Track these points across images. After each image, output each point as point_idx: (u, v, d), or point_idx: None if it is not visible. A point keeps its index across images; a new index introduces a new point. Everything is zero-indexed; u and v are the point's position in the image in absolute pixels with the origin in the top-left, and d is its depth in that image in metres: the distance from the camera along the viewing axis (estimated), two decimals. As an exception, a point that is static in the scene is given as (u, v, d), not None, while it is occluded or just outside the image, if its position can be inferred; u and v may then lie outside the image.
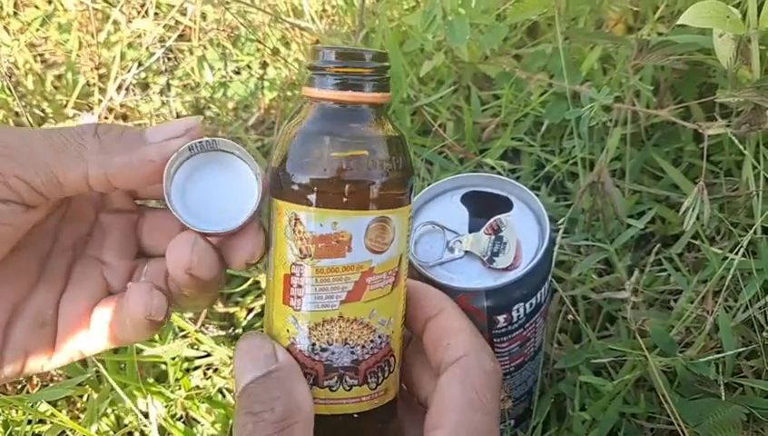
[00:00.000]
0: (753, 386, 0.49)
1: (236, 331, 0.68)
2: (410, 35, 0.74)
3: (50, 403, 0.58)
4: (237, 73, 0.96)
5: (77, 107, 0.90)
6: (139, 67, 0.92)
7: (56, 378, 0.63)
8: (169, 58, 0.96)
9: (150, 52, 0.93)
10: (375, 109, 0.34)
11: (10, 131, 0.33)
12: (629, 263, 0.61)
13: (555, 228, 0.61)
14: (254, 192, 0.34)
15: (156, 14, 0.98)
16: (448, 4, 0.63)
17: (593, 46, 0.69)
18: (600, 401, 0.51)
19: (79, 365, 0.59)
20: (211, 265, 0.33)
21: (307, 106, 0.34)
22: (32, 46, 1.00)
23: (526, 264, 0.41)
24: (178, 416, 0.61)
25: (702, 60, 0.62)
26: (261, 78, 0.92)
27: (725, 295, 0.52)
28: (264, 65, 0.95)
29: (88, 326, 0.36)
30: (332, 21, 0.93)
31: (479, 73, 0.79)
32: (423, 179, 0.72)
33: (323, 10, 0.95)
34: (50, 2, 1.03)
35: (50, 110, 0.91)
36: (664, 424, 0.50)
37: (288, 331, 0.34)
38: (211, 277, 0.34)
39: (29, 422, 0.56)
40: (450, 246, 0.43)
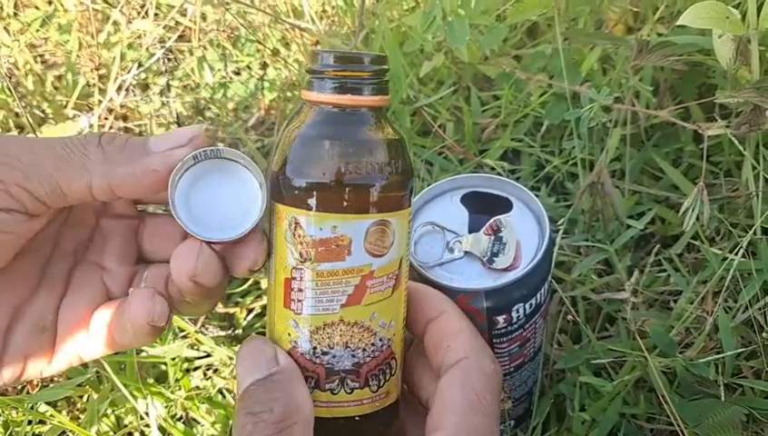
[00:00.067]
0: (753, 387, 0.49)
1: (236, 331, 0.68)
2: (410, 36, 0.74)
3: (50, 404, 0.58)
4: (237, 73, 0.96)
5: (77, 108, 0.90)
6: (139, 68, 0.92)
7: (56, 378, 0.63)
8: (169, 59, 0.96)
9: (150, 52, 0.93)
10: (374, 112, 0.34)
11: (13, 140, 0.33)
12: (629, 264, 0.61)
13: (554, 229, 0.61)
14: (258, 199, 0.34)
15: (156, 14, 0.98)
16: (448, 4, 0.63)
17: (592, 47, 0.69)
18: (600, 402, 0.51)
19: (79, 366, 0.59)
20: (215, 273, 0.33)
21: (306, 110, 0.34)
22: (32, 47, 1.00)
23: (525, 265, 0.41)
24: (178, 416, 0.61)
25: (701, 61, 0.62)
26: (261, 79, 0.92)
27: (725, 296, 0.52)
28: (264, 66, 0.95)
29: (88, 331, 0.36)
30: (332, 22, 0.93)
31: (479, 73, 0.79)
32: (423, 179, 0.72)
33: (323, 11, 0.95)
34: (50, 2, 1.03)
35: (50, 110, 0.91)
36: (663, 425, 0.50)
37: (289, 334, 0.34)
38: (214, 284, 0.34)
39: (29, 423, 0.56)
40: (450, 247, 0.43)
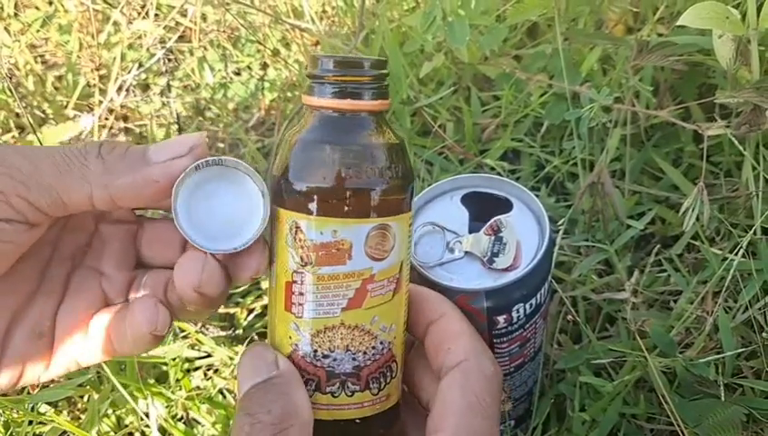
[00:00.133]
0: (753, 387, 0.49)
1: (236, 331, 0.68)
2: (410, 36, 0.74)
3: (50, 404, 0.58)
4: (237, 74, 0.96)
5: (78, 108, 0.90)
6: (139, 68, 0.92)
7: (57, 379, 0.63)
8: (169, 59, 0.96)
9: (150, 53, 0.93)
10: (374, 117, 0.34)
11: (13, 150, 0.33)
12: (629, 264, 0.61)
13: (555, 229, 0.61)
14: (260, 208, 0.34)
15: (156, 15, 0.98)
16: (448, 5, 0.63)
17: (593, 47, 0.69)
18: (600, 402, 0.51)
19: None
20: (218, 282, 0.34)
21: (306, 114, 0.34)
22: (32, 47, 1.00)
23: (525, 265, 0.41)
24: (178, 417, 0.61)
25: (701, 61, 0.62)
26: (262, 79, 0.92)
27: (725, 296, 0.52)
28: (264, 66, 0.95)
29: (85, 337, 0.36)
30: (332, 22, 0.93)
31: (479, 74, 0.79)
32: (423, 180, 0.72)
33: (323, 11, 0.95)
34: (50, 3, 1.04)
35: (50, 111, 0.91)
36: (663, 425, 0.50)
37: (290, 337, 0.34)
38: (218, 294, 0.34)
39: (30, 423, 0.56)
40: (450, 247, 0.43)
